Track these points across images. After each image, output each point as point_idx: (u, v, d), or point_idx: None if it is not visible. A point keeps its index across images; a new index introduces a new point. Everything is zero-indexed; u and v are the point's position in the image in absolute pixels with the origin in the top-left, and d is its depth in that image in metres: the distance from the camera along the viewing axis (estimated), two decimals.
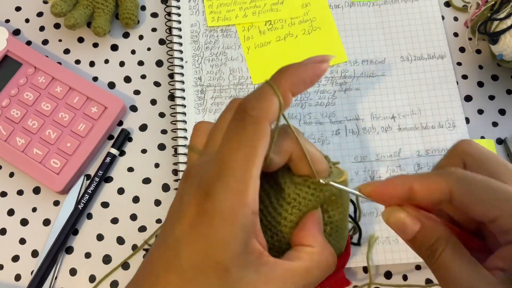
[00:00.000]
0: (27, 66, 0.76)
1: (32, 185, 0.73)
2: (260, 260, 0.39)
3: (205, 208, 0.38)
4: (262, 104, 0.40)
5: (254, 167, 0.39)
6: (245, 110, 0.40)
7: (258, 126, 0.39)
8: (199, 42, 0.77)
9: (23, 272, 0.70)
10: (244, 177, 0.39)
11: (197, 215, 0.39)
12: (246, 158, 0.39)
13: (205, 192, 0.39)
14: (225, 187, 0.38)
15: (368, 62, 0.76)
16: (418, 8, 0.79)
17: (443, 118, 0.73)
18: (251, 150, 0.39)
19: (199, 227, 0.39)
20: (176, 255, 0.39)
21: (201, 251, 0.38)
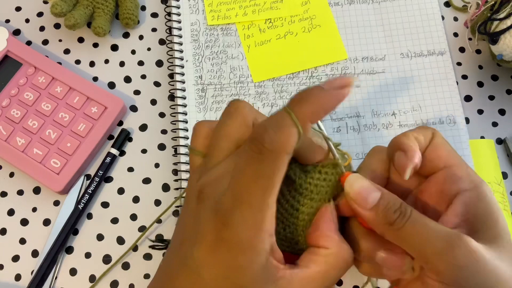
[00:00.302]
0: (27, 66, 0.76)
1: (32, 185, 0.73)
2: (277, 275, 0.40)
3: (224, 237, 0.39)
4: (281, 137, 0.39)
5: (270, 198, 0.39)
6: (263, 143, 0.39)
7: (277, 160, 0.39)
8: (199, 41, 0.77)
9: (23, 272, 0.70)
10: (261, 208, 0.39)
11: (216, 241, 0.39)
12: (263, 191, 0.39)
13: (223, 222, 0.39)
14: (243, 219, 0.38)
15: (368, 59, 0.76)
16: (418, 5, 0.79)
17: (444, 114, 0.73)
18: (269, 183, 0.39)
19: (219, 254, 0.39)
20: (199, 276, 0.40)
21: (222, 275, 0.39)
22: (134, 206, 0.72)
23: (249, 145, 0.40)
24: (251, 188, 0.39)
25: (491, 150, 0.72)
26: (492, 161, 0.72)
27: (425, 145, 0.47)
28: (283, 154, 0.39)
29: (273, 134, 0.39)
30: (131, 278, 0.69)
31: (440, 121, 0.73)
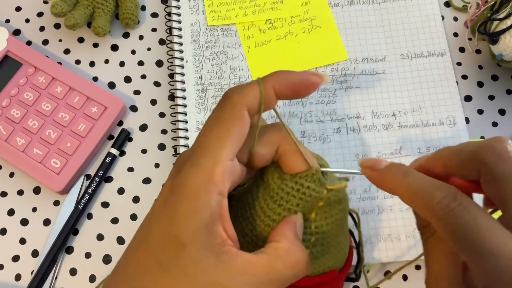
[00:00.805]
0: (27, 66, 0.76)
1: (32, 185, 0.73)
2: (222, 248, 0.38)
3: (175, 183, 0.39)
4: (242, 90, 0.41)
5: (225, 148, 0.40)
6: (227, 95, 0.42)
7: (234, 109, 0.41)
8: (200, 41, 0.77)
9: (23, 272, 0.70)
10: (214, 156, 0.39)
11: (169, 190, 0.40)
12: (218, 138, 0.40)
13: (178, 169, 0.40)
14: (193, 163, 0.39)
15: (368, 60, 0.76)
16: (418, 6, 0.79)
17: (444, 115, 0.73)
18: (224, 131, 0.40)
19: (168, 202, 0.39)
20: (147, 231, 0.41)
21: (166, 225, 0.39)
22: (134, 206, 0.72)
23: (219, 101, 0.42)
24: (208, 134, 0.41)
25: None
26: None
27: None
28: (241, 105, 0.41)
29: (237, 88, 0.42)
30: None
31: (440, 122, 0.73)
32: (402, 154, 0.71)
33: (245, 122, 0.41)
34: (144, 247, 0.40)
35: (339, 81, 0.75)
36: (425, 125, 0.73)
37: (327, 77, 0.45)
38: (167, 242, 0.38)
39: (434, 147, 0.72)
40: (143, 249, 0.40)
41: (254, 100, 0.41)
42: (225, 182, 0.40)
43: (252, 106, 0.41)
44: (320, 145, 0.71)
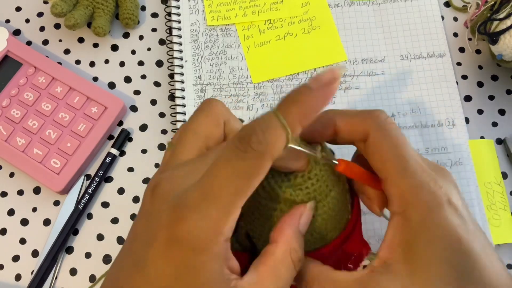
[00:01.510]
0: (27, 66, 0.76)
1: (32, 185, 0.73)
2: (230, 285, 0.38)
3: (178, 235, 0.36)
4: (268, 139, 0.37)
5: (241, 200, 0.37)
6: (249, 142, 0.36)
7: (261, 162, 0.37)
8: (199, 41, 0.77)
9: (23, 272, 0.70)
10: (228, 210, 0.37)
11: (169, 239, 0.37)
12: (237, 191, 0.37)
13: (180, 217, 0.37)
14: (204, 216, 0.36)
15: (367, 61, 0.76)
16: (418, 7, 0.79)
17: (443, 116, 0.73)
18: (246, 184, 0.37)
19: (171, 252, 0.37)
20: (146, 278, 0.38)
21: (174, 275, 0.37)
22: (134, 206, 0.72)
23: (234, 143, 0.37)
24: (224, 184, 0.36)
25: (491, 150, 0.72)
26: (492, 161, 0.72)
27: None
28: (269, 157, 0.37)
29: (261, 135, 0.36)
30: None
31: (439, 123, 0.73)
32: None
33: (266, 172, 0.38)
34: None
35: (343, 73, 0.75)
36: (424, 126, 0.73)
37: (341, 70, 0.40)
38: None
39: (433, 148, 0.72)
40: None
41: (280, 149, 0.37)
42: (232, 228, 0.38)
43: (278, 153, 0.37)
44: None
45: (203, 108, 0.44)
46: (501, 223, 0.69)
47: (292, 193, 0.44)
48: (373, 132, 0.42)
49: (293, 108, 0.38)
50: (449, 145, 0.72)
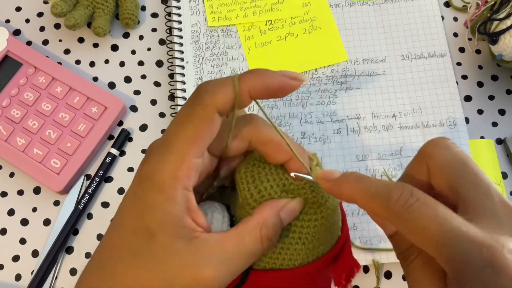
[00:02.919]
0: (27, 66, 0.76)
1: (32, 185, 0.73)
2: (191, 234, 0.40)
3: (142, 173, 0.40)
4: (215, 91, 0.40)
5: (193, 147, 0.40)
6: (200, 92, 0.41)
7: (206, 109, 0.40)
8: (200, 42, 0.77)
9: (24, 272, 0.70)
10: (181, 154, 0.39)
11: (135, 181, 0.41)
12: (187, 137, 0.40)
13: (144, 159, 0.41)
14: (160, 158, 0.40)
15: (368, 61, 0.76)
16: (418, 7, 0.79)
17: (444, 116, 0.73)
18: (193, 133, 0.40)
19: (137, 193, 0.40)
20: (120, 219, 0.41)
21: (136, 215, 0.40)
22: None
23: (191, 95, 0.42)
24: (177, 131, 0.40)
25: (491, 150, 0.73)
26: (492, 161, 0.72)
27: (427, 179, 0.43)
28: (212, 107, 0.40)
29: (211, 87, 0.40)
30: None
31: (440, 123, 0.73)
32: (402, 155, 0.71)
33: (214, 123, 0.41)
34: (117, 236, 0.41)
35: (340, 82, 0.75)
36: (426, 126, 0.73)
37: (306, 77, 0.44)
38: (138, 231, 0.40)
39: None
40: (116, 238, 0.41)
41: (226, 102, 0.40)
42: (191, 178, 0.40)
43: (224, 107, 0.41)
44: (321, 146, 0.71)
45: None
46: None
47: None
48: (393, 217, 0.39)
49: (248, 76, 0.41)
50: None
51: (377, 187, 0.39)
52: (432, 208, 0.36)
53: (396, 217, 0.37)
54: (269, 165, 0.46)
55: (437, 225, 0.35)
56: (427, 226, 0.35)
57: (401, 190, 0.37)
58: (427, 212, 0.36)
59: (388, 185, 0.39)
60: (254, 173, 0.45)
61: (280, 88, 0.42)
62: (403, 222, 0.37)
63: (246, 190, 0.45)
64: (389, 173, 0.70)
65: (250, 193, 0.44)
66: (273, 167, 0.45)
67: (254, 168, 0.46)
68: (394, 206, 0.37)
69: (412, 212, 0.36)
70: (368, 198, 0.39)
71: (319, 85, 0.75)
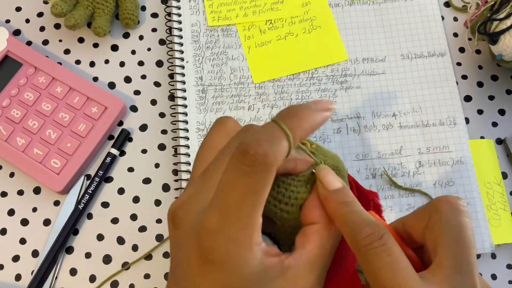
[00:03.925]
0: (28, 66, 0.76)
1: (32, 185, 0.73)
2: (283, 267, 0.39)
3: (212, 260, 0.38)
4: (275, 151, 0.37)
5: (258, 212, 0.38)
6: (255, 156, 0.36)
7: (268, 174, 0.37)
8: (200, 42, 0.77)
9: (23, 272, 0.70)
10: (251, 225, 0.38)
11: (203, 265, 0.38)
12: (253, 207, 0.37)
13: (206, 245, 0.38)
14: (231, 239, 0.37)
15: (368, 60, 0.76)
16: (418, 6, 0.79)
17: (444, 115, 0.73)
18: (258, 199, 0.37)
19: (210, 274, 0.38)
20: None
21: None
22: (134, 206, 0.72)
23: (238, 158, 0.37)
24: (240, 205, 0.37)
25: (491, 150, 0.73)
26: (492, 161, 0.72)
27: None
28: (275, 167, 0.37)
29: (268, 147, 0.36)
30: (131, 278, 0.69)
31: (440, 122, 0.73)
32: (402, 154, 0.71)
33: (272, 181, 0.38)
34: None
35: (340, 82, 0.75)
36: (425, 125, 0.73)
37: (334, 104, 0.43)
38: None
39: (434, 147, 0.72)
40: None
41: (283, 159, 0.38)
42: (259, 235, 0.39)
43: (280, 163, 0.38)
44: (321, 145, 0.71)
45: (215, 125, 0.45)
46: (501, 223, 0.69)
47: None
48: None
49: (294, 121, 0.39)
50: (450, 144, 0.72)
51: (354, 217, 0.40)
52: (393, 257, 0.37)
53: (358, 253, 0.38)
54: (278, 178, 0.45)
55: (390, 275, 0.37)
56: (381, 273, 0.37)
57: (373, 230, 0.38)
58: (387, 260, 0.37)
59: (364, 219, 0.39)
60: (275, 194, 0.44)
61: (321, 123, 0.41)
62: (362, 260, 0.38)
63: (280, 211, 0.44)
64: (389, 173, 0.70)
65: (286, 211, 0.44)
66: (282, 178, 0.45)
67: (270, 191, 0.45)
68: (359, 242, 0.38)
69: (372, 254, 0.38)
70: (343, 224, 0.40)
71: (319, 85, 0.75)
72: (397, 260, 0.37)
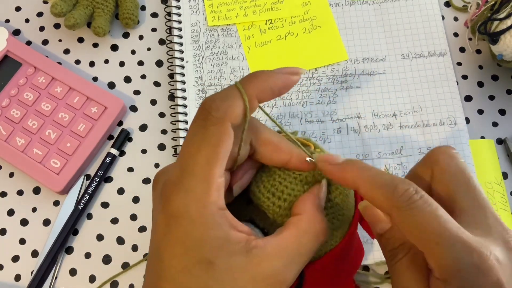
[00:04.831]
0: (27, 66, 0.76)
1: (32, 185, 0.73)
2: (248, 245, 0.39)
3: (171, 212, 0.39)
4: (226, 106, 0.40)
5: (216, 168, 0.39)
6: (209, 110, 0.40)
7: (221, 127, 0.39)
8: (200, 42, 0.77)
9: (23, 272, 0.70)
10: (207, 178, 0.39)
11: (165, 220, 0.40)
12: (208, 159, 0.39)
13: (167, 197, 0.40)
14: (187, 189, 0.39)
15: (369, 60, 0.76)
16: (418, 6, 0.79)
17: (444, 115, 0.73)
18: (213, 151, 0.39)
19: (171, 232, 0.39)
20: (161, 262, 0.40)
21: (181, 253, 0.39)
22: (134, 206, 0.72)
23: (196, 115, 0.41)
24: (195, 155, 0.39)
25: (491, 150, 0.72)
26: (492, 161, 0.72)
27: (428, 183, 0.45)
28: (227, 122, 0.39)
29: (219, 102, 0.40)
30: (131, 278, 0.69)
31: (440, 122, 0.73)
32: (402, 154, 0.71)
33: (231, 138, 0.40)
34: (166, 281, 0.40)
35: (340, 81, 0.75)
36: (426, 125, 0.73)
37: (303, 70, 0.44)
38: (192, 268, 0.38)
39: (434, 147, 0.71)
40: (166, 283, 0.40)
41: (239, 114, 0.40)
42: (221, 197, 0.40)
43: (237, 119, 0.40)
44: (321, 145, 0.71)
45: None
46: None
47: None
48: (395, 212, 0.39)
49: (252, 81, 0.41)
50: (451, 144, 0.72)
51: (383, 178, 0.40)
52: (433, 208, 0.37)
53: (398, 210, 0.38)
54: (275, 172, 0.46)
55: (436, 224, 0.37)
56: (426, 224, 0.37)
57: (408, 185, 0.38)
58: (429, 210, 0.37)
59: (394, 179, 0.40)
60: (269, 187, 0.46)
61: (284, 86, 0.42)
62: (404, 216, 0.38)
63: (272, 205, 0.45)
64: (389, 172, 0.70)
65: (278, 205, 0.45)
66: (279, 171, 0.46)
67: (265, 183, 0.46)
68: (399, 199, 0.38)
69: (415, 208, 0.37)
70: (373, 188, 0.40)
71: (319, 85, 0.75)
72: (438, 209, 0.38)
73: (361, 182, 0.41)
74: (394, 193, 0.38)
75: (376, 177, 0.40)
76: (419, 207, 0.37)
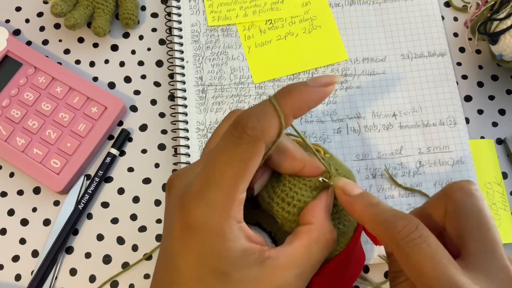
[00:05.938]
0: (27, 66, 0.76)
1: (32, 185, 0.73)
2: (262, 256, 0.40)
3: (190, 223, 0.39)
4: (262, 125, 0.39)
5: (242, 184, 0.39)
6: (244, 128, 0.39)
7: (254, 146, 0.39)
8: (200, 42, 0.77)
9: (23, 272, 0.70)
10: (231, 193, 0.39)
11: (184, 229, 0.40)
12: (236, 175, 0.39)
13: (186, 207, 0.40)
14: (208, 202, 0.39)
15: (368, 60, 0.76)
16: (418, 6, 0.79)
17: (444, 115, 0.73)
18: (243, 168, 0.39)
19: (189, 241, 0.39)
20: (175, 269, 0.40)
21: (197, 262, 0.39)
22: (134, 206, 0.72)
23: (230, 130, 0.40)
24: (223, 170, 0.39)
25: (491, 150, 0.72)
26: (492, 161, 0.72)
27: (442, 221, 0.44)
28: (262, 142, 0.39)
29: (256, 121, 0.39)
30: (131, 278, 0.69)
31: (440, 122, 0.73)
32: (402, 154, 0.71)
33: (261, 157, 0.40)
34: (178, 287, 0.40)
35: (340, 81, 0.75)
36: (426, 125, 0.73)
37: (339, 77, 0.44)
38: (207, 277, 0.39)
39: (434, 147, 0.72)
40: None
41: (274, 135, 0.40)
42: (240, 211, 0.40)
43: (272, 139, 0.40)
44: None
45: (226, 116, 0.47)
46: (501, 223, 0.69)
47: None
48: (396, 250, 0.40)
49: (288, 99, 0.40)
50: (450, 144, 0.72)
51: (385, 215, 0.40)
52: (432, 247, 0.37)
53: (396, 247, 0.38)
54: (285, 178, 0.46)
55: (432, 267, 0.37)
56: (422, 265, 0.37)
57: (407, 222, 0.39)
58: (426, 251, 0.37)
59: (396, 215, 0.40)
60: (279, 192, 0.46)
61: (319, 99, 0.42)
62: (401, 253, 0.38)
63: (282, 211, 0.45)
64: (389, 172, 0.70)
65: (287, 211, 0.45)
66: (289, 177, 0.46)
67: (275, 188, 0.46)
68: (397, 236, 0.38)
69: (412, 246, 0.37)
70: (375, 224, 0.41)
71: None
72: (436, 250, 0.37)
73: (365, 219, 0.42)
74: (393, 230, 0.39)
75: (379, 214, 0.41)
76: (417, 246, 0.37)
